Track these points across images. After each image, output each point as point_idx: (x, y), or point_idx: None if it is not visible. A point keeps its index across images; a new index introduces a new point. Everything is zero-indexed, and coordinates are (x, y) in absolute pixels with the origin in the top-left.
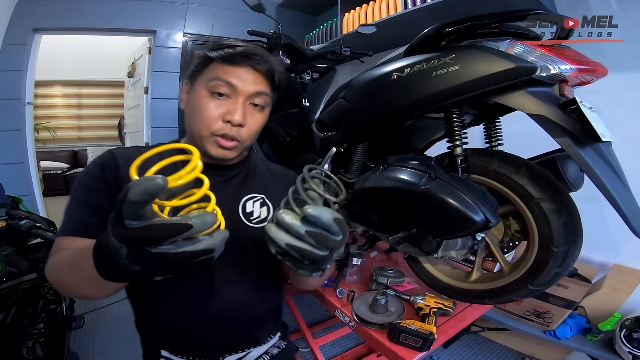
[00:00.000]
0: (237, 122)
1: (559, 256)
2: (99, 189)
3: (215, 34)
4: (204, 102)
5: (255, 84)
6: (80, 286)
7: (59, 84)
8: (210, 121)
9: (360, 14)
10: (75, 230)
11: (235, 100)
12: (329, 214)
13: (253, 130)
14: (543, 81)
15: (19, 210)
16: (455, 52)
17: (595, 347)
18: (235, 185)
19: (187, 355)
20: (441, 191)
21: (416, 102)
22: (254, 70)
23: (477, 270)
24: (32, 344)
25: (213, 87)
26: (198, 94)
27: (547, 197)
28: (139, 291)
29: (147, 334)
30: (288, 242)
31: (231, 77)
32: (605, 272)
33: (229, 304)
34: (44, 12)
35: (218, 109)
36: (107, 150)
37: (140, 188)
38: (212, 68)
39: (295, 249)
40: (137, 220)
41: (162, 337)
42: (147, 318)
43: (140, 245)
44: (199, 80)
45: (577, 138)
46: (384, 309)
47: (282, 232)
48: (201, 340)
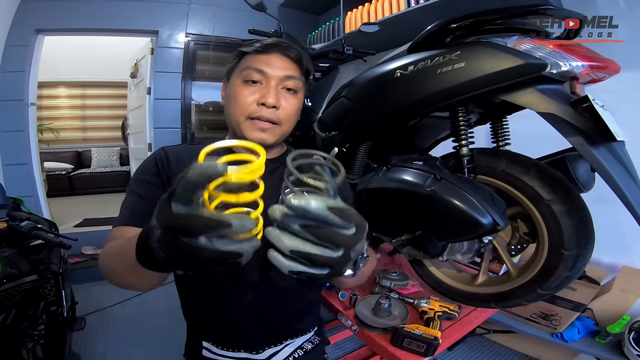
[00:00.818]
0: (270, 103)
1: (570, 259)
2: (152, 183)
3: (216, 33)
4: (238, 89)
5: (284, 68)
6: (124, 274)
7: (62, 85)
8: (245, 106)
9: (362, 12)
10: (130, 220)
11: (267, 85)
12: (317, 201)
13: (289, 112)
14: (553, 78)
15: (20, 212)
16: (460, 49)
17: (603, 350)
18: (276, 179)
19: (227, 347)
20: (447, 192)
21: (420, 101)
22: (282, 55)
23: (483, 273)
24: (32, 345)
25: (246, 75)
26: (233, 85)
27: (558, 199)
28: (185, 282)
29: (191, 324)
30: (291, 247)
31: (261, 64)
32: (614, 273)
33: (270, 297)
34: (46, 13)
35: (252, 94)
36: (159, 148)
37: (200, 169)
38: (244, 60)
39: (302, 254)
40: (184, 205)
41: (205, 328)
42: (191, 308)
43: (175, 232)
44: (234, 74)
45: (590, 137)
46: (386, 312)
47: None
48: (241, 332)
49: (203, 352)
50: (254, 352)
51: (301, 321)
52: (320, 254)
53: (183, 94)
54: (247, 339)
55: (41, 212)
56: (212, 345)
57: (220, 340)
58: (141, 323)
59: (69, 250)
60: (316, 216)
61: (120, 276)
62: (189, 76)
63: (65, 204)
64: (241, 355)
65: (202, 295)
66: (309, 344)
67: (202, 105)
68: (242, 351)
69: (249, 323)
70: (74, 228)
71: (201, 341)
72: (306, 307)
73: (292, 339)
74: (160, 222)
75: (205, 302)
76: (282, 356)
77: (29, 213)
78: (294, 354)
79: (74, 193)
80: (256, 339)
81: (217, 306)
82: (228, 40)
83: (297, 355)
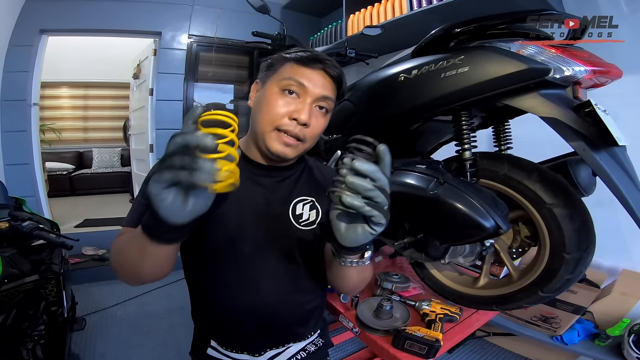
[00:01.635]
0: (302, 120)
1: (571, 262)
2: None
3: (219, 35)
4: (273, 97)
5: (323, 87)
6: (135, 261)
7: (65, 85)
8: (277, 116)
9: (365, 15)
10: (138, 221)
11: (303, 100)
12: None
13: (315, 131)
14: (556, 83)
15: (22, 211)
16: (464, 53)
17: (602, 352)
18: (287, 187)
19: (231, 348)
20: (450, 196)
21: (424, 104)
22: (325, 73)
23: (485, 276)
24: (32, 345)
25: (285, 85)
26: (269, 90)
27: (560, 203)
28: (195, 282)
29: (199, 324)
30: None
31: (303, 77)
32: (614, 276)
33: (275, 301)
34: (50, 13)
35: (286, 106)
36: None
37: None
38: (286, 68)
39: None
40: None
41: (212, 329)
42: (199, 309)
43: (161, 169)
44: (271, 79)
45: (592, 142)
46: (388, 314)
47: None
48: (246, 333)
49: (208, 351)
50: (256, 354)
51: (305, 326)
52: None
53: (185, 95)
54: (250, 342)
55: (42, 212)
56: (218, 345)
57: (225, 342)
58: (141, 324)
59: (70, 251)
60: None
61: (131, 266)
62: (191, 77)
63: (66, 204)
64: (243, 357)
65: (210, 297)
66: (312, 346)
67: (205, 106)
68: (245, 353)
69: (253, 328)
70: (75, 228)
71: (210, 339)
72: (309, 312)
73: (295, 342)
74: (150, 174)
75: (212, 304)
76: (284, 357)
77: (31, 213)
78: (297, 355)
79: (75, 193)
80: (258, 342)
81: (224, 309)
82: (231, 42)
83: (299, 357)
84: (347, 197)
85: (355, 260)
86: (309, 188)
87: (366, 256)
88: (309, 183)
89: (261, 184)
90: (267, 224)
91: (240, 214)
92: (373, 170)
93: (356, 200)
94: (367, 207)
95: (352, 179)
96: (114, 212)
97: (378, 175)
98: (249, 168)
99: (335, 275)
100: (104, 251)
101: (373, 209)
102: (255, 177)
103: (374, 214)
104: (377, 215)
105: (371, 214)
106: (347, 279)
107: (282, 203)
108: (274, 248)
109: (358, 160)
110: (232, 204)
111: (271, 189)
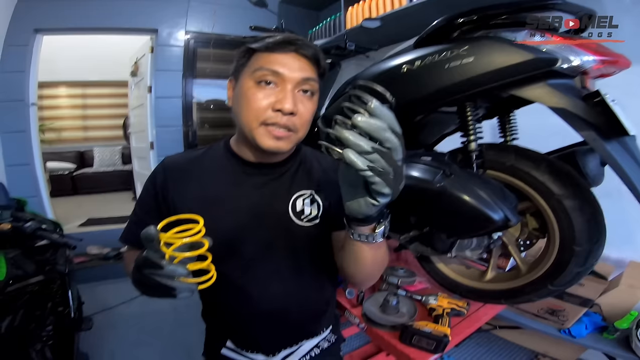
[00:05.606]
0: (287, 109)
1: (581, 255)
2: (149, 205)
3: (216, 31)
4: (250, 92)
5: (301, 69)
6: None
7: (63, 85)
8: (259, 110)
9: (363, 7)
10: (127, 240)
11: (282, 88)
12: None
13: (305, 118)
14: (563, 73)
15: (23, 212)
16: (468, 43)
17: (610, 345)
18: (284, 183)
19: (245, 348)
20: (457, 188)
21: (428, 95)
22: (299, 55)
23: (492, 269)
24: (41, 346)
25: (259, 77)
26: (244, 86)
27: (569, 194)
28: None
29: (211, 325)
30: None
31: (276, 65)
32: (622, 269)
33: (285, 299)
34: (44, 12)
35: (266, 98)
36: (161, 162)
37: (143, 234)
38: (255, 59)
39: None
40: (149, 252)
41: (224, 329)
42: (210, 311)
43: (139, 267)
44: (243, 73)
45: (602, 131)
46: (394, 309)
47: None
48: (259, 333)
49: (222, 351)
50: (269, 354)
51: (317, 322)
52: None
53: (184, 92)
54: (263, 343)
55: (45, 212)
56: (234, 344)
57: (239, 342)
58: (147, 322)
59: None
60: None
61: None
62: (189, 74)
63: (68, 204)
64: (258, 357)
65: (219, 301)
66: (326, 342)
67: (204, 103)
68: (260, 353)
69: (264, 329)
70: (78, 228)
71: (226, 339)
72: (320, 308)
73: (308, 339)
74: (136, 261)
75: (222, 307)
76: (297, 356)
77: (33, 214)
78: (311, 352)
79: (77, 192)
80: (271, 342)
81: (234, 312)
82: (228, 37)
83: (313, 354)
84: (348, 153)
85: (365, 234)
86: (308, 181)
87: (377, 231)
88: (307, 175)
89: (257, 183)
90: (268, 224)
91: (238, 217)
92: (378, 127)
93: (358, 159)
94: (368, 171)
95: (348, 134)
96: (117, 211)
97: (385, 135)
98: (242, 169)
99: (347, 259)
100: (108, 250)
101: (375, 175)
102: (251, 177)
103: (375, 181)
104: (378, 182)
105: (372, 180)
106: (360, 262)
107: (282, 201)
108: (278, 248)
109: (360, 115)
110: (230, 207)
111: (268, 187)
